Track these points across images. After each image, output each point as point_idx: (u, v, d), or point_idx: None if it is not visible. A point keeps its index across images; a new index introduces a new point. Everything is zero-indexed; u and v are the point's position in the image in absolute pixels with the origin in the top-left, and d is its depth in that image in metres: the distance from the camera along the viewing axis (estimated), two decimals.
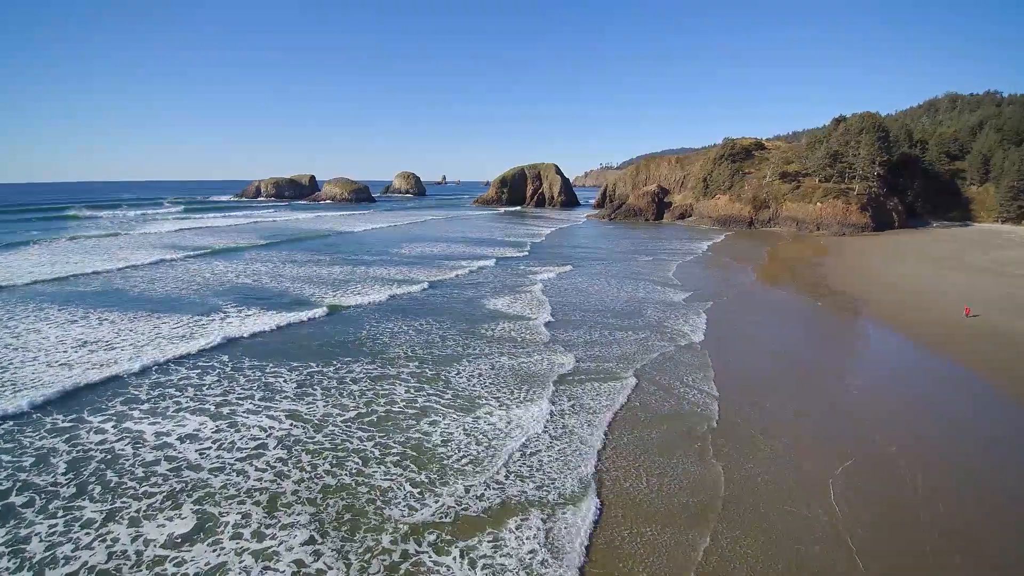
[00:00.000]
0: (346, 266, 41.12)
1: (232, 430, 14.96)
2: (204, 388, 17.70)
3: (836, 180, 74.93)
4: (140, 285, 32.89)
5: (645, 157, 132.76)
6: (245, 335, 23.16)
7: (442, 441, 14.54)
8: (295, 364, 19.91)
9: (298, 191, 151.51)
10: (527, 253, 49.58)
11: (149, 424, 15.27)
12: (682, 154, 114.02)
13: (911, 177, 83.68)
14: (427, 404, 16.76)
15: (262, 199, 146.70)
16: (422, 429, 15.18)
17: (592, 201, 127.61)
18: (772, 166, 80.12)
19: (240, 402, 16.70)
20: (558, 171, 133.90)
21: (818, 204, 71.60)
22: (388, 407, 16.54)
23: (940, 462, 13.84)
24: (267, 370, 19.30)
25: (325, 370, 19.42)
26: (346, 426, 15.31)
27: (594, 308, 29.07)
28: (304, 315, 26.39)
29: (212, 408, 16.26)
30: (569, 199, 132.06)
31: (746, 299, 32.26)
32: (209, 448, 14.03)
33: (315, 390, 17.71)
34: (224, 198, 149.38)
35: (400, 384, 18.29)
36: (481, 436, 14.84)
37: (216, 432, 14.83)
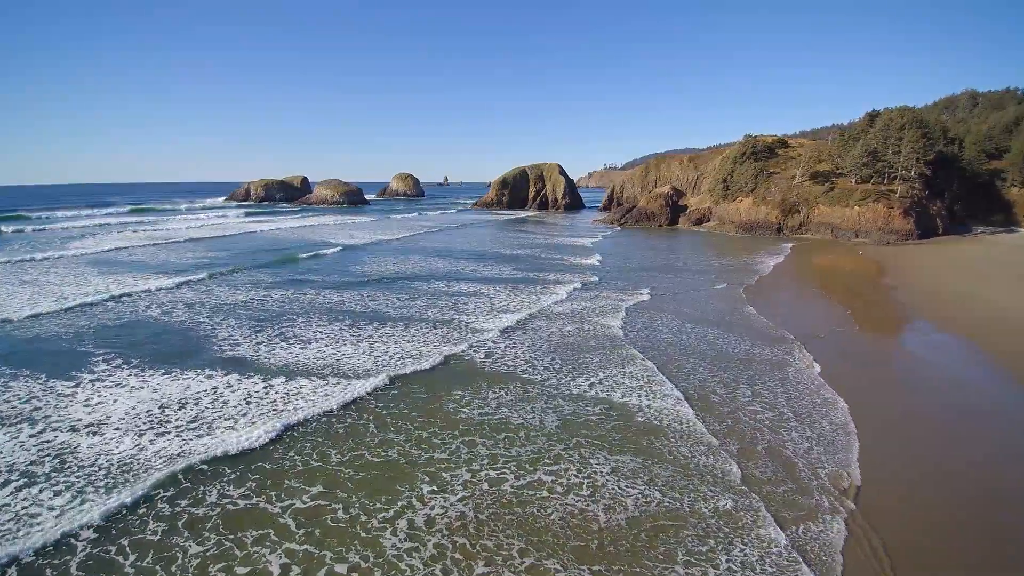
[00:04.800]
0: (352, 292, 33.72)
1: None
2: None
3: (875, 181, 67.25)
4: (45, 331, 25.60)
5: (650, 157, 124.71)
6: (87, 423, 15.67)
7: None
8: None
9: (290, 193, 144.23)
10: (596, 279, 38.01)
11: None
12: (688, 154, 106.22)
13: (949, 178, 76.03)
14: None
15: (251, 202, 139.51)
16: None
17: (598, 204, 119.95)
18: (802, 165, 72.29)
19: None
20: (562, 171, 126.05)
21: (856, 208, 63.85)
22: None
23: None
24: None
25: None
26: None
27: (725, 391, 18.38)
28: (362, 387, 17.77)
29: None
30: (573, 201, 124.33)
31: (872, 364, 21.76)
32: None
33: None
34: (219, 200, 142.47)
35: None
36: None
37: None
